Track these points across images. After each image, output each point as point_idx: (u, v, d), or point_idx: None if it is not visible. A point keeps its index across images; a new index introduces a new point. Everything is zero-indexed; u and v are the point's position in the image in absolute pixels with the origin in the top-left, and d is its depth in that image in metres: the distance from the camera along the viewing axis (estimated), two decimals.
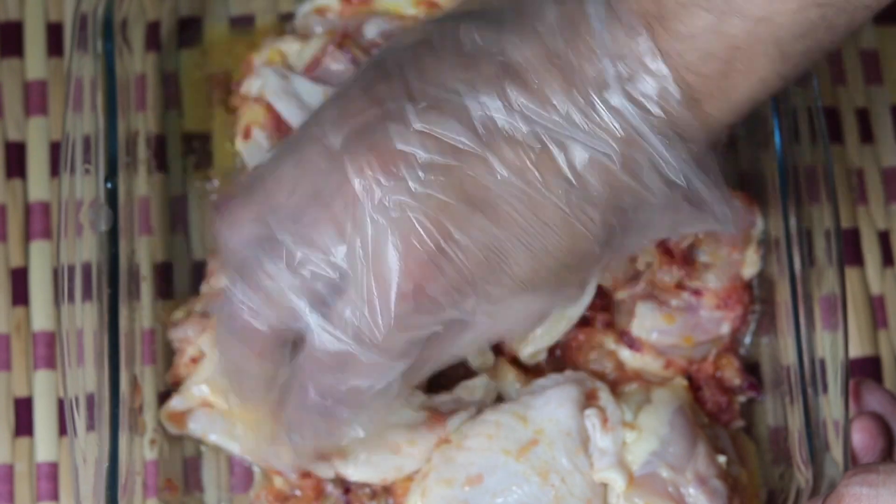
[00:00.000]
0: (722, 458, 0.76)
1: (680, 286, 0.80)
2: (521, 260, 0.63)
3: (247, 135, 0.82)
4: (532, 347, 0.79)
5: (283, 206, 0.65)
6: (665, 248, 0.79)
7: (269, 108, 0.81)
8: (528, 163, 0.62)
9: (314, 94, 0.81)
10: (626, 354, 0.80)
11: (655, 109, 0.62)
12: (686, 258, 0.79)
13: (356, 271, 0.63)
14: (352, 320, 0.64)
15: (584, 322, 0.80)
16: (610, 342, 0.80)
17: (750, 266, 0.80)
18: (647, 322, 0.79)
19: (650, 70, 0.61)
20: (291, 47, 0.84)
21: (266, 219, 0.65)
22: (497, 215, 0.62)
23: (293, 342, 0.67)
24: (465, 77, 0.63)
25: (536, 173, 0.62)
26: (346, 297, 0.64)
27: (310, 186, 0.64)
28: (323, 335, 0.64)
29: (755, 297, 0.81)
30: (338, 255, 0.63)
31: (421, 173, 0.62)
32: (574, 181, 0.62)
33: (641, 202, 0.63)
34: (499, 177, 0.62)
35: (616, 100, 0.62)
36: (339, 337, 0.64)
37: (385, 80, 0.64)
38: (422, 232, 0.62)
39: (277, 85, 0.81)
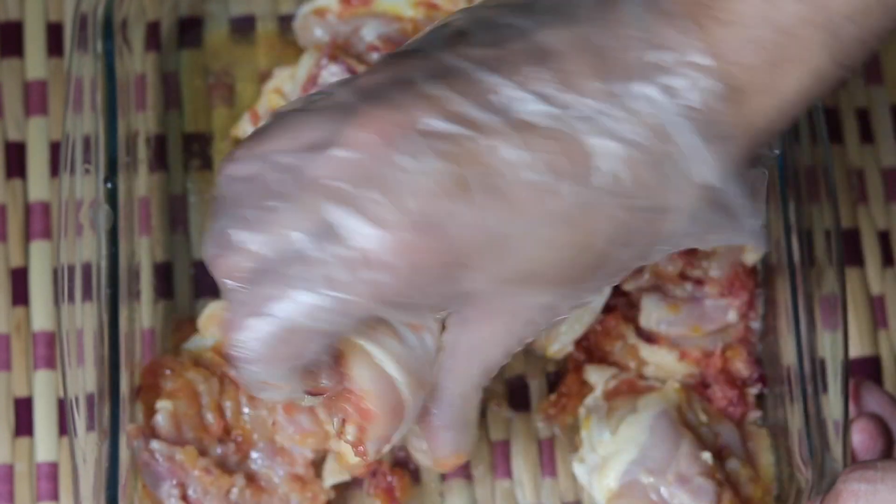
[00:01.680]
0: (706, 455, 0.76)
1: (683, 276, 0.80)
2: (520, 249, 0.58)
3: None
4: (558, 344, 0.80)
5: (284, 150, 0.60)
6: None
7: None
8: (549, 148, 0.57)
9: None
10: (644, 348, 0.80)
11: (694, 103, 0.57)
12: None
13: (343, 228, 0.58)
14: (325, 269, 0.58)
15: (608, 309, 0.80)
16: (631, 335, 0.81)
17: (753, 252, 0.80)
18: (653, 314, 0.80)
19: (691, 61, 0.57)
20: (283, 78, 0.84)
21: (267, 158, 0.60)
22: (500, 197, 0.58)
23: None
24: (492, 55, 0.59)
25: (549, 158, 0.58)
26: (330, 248, 0.58)
27: (313, 135, 0.59)
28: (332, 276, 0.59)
29: (759, 282, 0.81)
30: (328, 212, 0.58)
31: (426, 138, 0.58)
32: (598, 173, 0.58)
33: (669, 204, 0.59)
34: (507, 156, 0.58)
35: (651, 91, 0.57)
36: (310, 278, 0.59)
37: (406, 56, 0.61)
38: (414, 198, 0.57)
39: None
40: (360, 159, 0.58)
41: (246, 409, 0.77)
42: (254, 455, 0.77)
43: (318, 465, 0.79)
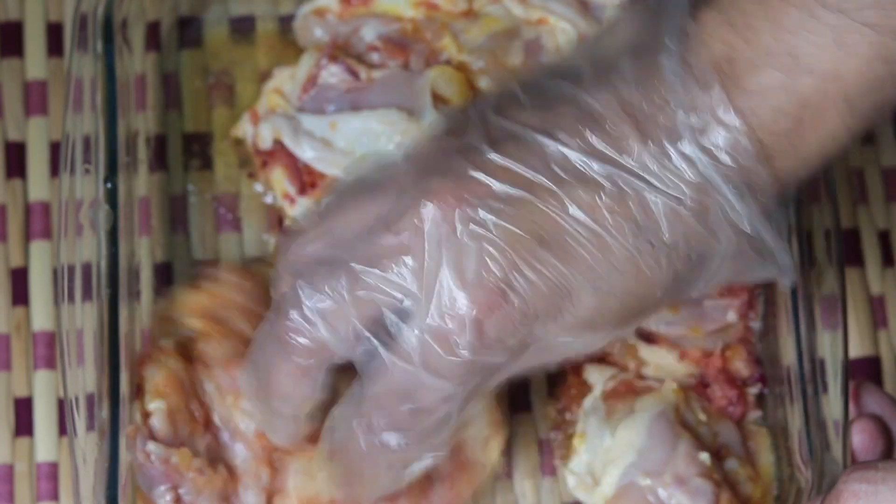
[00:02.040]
0: (704, 456, 0.76)
1: None
2: (585, 299, 0.63)
3: (292, 199, 0.82)
4: None
5: (349, 230, 0.65)
6: None
7: (287, 155, 0.82)
8: (600, 204, 0.62)
9: (321, 126, 0.81)
10: (644, 348, 0.80)
11: (727, 160, 0.62)
12: None
13: (422, 298, 0.63)
14: (418, 348, 0.63)
15: None
16: (630, 335, 0.80)
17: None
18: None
19: (722, 121, 0.62)
20: (284, 77, 0.84)
21: (330, 240, 0.65)
22: (566, 253, 0.62)
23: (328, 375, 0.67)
24: (543, 118, 0.64)
25: (608, 215, 0.62)
26: (411, 324, 0.63)
27: (377, 211, 0.64)
28: (394, 360, 0.64)
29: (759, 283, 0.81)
30: (404, 281, 0.63)
31: (493, 203, 0.62)
32: (645, 225, 0.63)
33: (708, 250, 0.64)
34: (571, 215, 0.62)
35: (689, 149, 0.62)
36: (406, 364, 0.64)
37: (462, 119, 0.65)
38: (490, 262, 0.62)
39: (288, 128, 0.82)
40: (433, 232, 0.62)
41: (205, 386, 0.78)
42: (223, 439, 0.78)
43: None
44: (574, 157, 0.63)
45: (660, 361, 0.80)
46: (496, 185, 0.63)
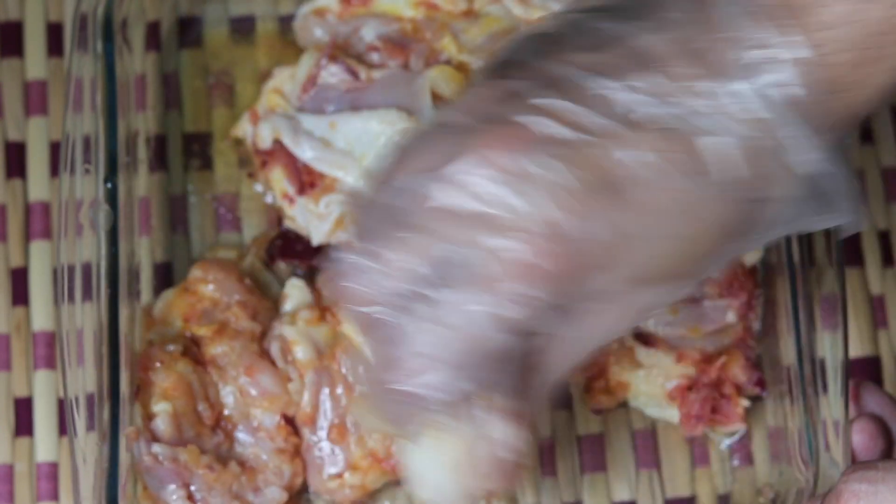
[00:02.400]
0: None
1: None
2: (641, 247, 0.61)
3: (292, 199, 0.82)
4: None
5: (402, 178, 0.62)
6: None
7: (287, 155, 0.82)
8: (656, 147, 0.60)
9: (321, 126, 0.81)
10: (641, 351, 0.80)
11: (786, 99, 0.60)
12: None
13: (475, 247, 0.60)
14: (471, 294, 0.60)
15: None
16: (628, 337, 0.80)
17: (752, 252, 0.80)
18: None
19: (782, 59, 0.60)
20: (284, 77, 0.84)
21: (392, 186, 0.62)
22: (623, 199, 0.60)
23: None
24: (591, 58, 0.61)
25: (664, 158, 0.60)
26: (461, 275, 0.61)
27: (429, 161, 0.61)
28: (445, 308, 0.61)
29: (759, 283, 0.81)
30: (456, 232, 0.60)
31: (553, 148, 0.60)
32: (703, 168, 0.60)
33: (768, 194, 0.62)
34: (625, 159, 0.60)
35: (746, 87, 0.60)
36: (458, 313, 0.61)
37: (507, 68, 0.63)
38: (546, 210, 0.60)
39: (288, 128, 0.82)
40: (488, 176, 0.60)
41: (221, 389, 0.78)
42: (240, 437, 0.78)
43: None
44: (626, 98, 0.60)
45: (657, 363, 0.80)
46: (546, 130, 0.60)
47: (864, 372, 0.85)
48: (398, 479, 0.79)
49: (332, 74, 0.82)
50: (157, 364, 0.77)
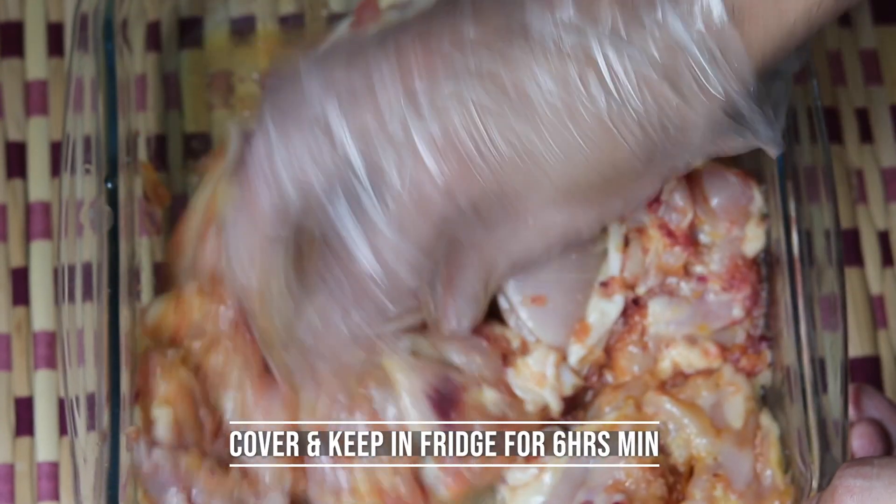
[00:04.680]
0: None
1: (687, 271, 0.79)
2: (560, 169, 0.64)
3: None
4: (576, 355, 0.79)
5: (336, 79, 0.66)
6: (667, 230, 0.79)
7: None
8: (571, 72, 0.63)
9: None
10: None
11: (699, 24, 0.62)
12: (688, 238, 0.79)
13: (395, 162, 0.64)
14: (390, 211, 0.65)
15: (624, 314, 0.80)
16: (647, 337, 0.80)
17: (753, 241, 0.80)
18: (661, 317, 0.79)
19: None
20: None
21: (319, 80, 0.66)
22: (537, 122, 0.64)
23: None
24: None
25: (579, 83, 0.63)
26: (383, 188, 0.65)
27: (363, 70, 0.65)
28: (366, 223, 0.66)
29: (763, 276, 0.81)
30: (378, 142, 0.65)
31: (465, 70, 0.63)
32: (616, 92, 0.63)
33: (683, 118, 0.64)
34: (542, 83, 0.63)
35: (660, 14, 0.63)
36: (377, 227, 0.65)
37: None
38: (461, 129, 0.63)
39: None
40: (406, 83, 0.64)
41: (222, 394, 0.78)
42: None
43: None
44: (544, 26, 0.63)
45: (680, 362, 0.80)
46: (467, 53, 0.64)
47: (863, 372, 0.85)
48: None
49: None
50: (157, 370, 0.77)
